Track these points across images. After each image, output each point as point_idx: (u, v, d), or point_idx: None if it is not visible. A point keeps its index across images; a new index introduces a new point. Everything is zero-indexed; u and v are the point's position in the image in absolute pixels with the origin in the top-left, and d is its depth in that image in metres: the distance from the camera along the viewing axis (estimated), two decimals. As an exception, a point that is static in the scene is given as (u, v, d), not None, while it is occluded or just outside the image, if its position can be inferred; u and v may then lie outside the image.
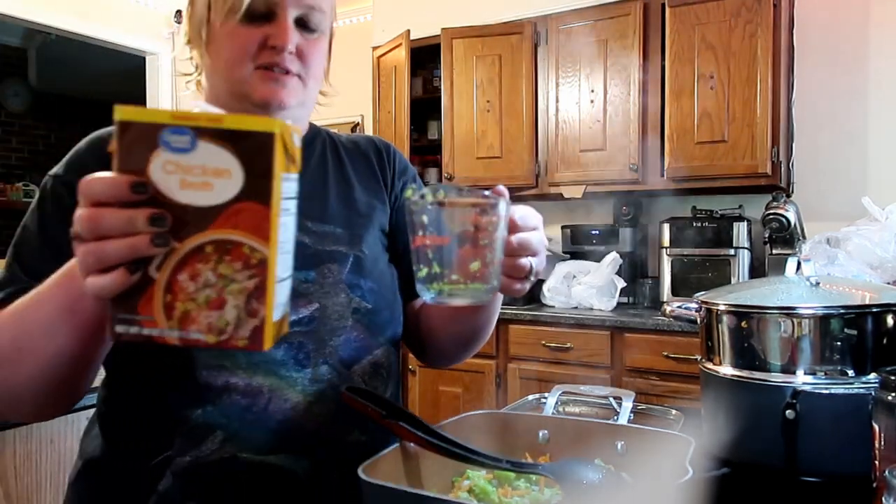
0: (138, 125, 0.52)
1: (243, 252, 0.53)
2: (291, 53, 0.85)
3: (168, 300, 0.53)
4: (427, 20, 3.46)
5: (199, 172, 0.52)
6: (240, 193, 0.53)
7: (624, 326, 2.73)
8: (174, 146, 0.52)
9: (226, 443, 0.78)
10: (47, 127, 5.98)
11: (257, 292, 0.54)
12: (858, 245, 1.82)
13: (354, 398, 0.71)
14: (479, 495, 0.70)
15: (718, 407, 0.87)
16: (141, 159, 0.52)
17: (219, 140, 0.52)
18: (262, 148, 0.53)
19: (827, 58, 2.95)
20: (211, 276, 0.53)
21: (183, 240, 0.53)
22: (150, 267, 0.53)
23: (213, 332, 0.54)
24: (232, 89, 0.87)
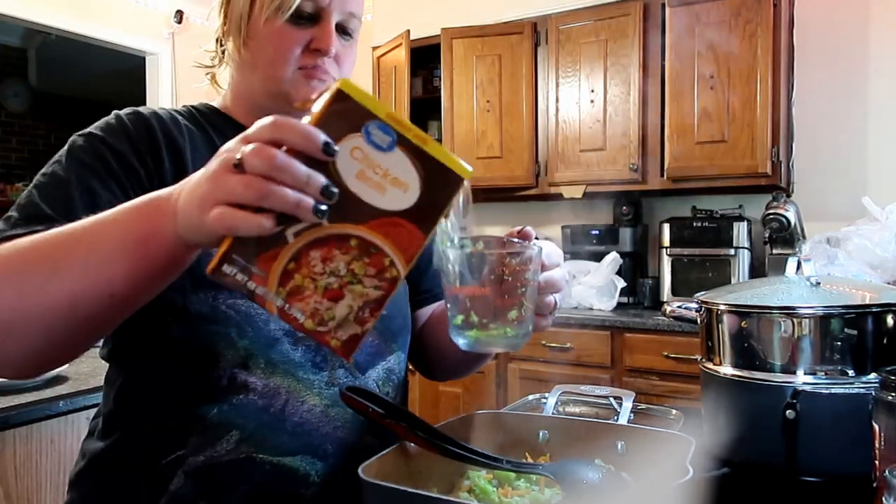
0: (353, 103, 0.52)
1: (383, 262, 0.53)
2: (331, 58, 0.86)
3: (290, 268, 0.52)
4: (427, 20, 3.46)
5: (380, 173, 0.53)
6: (406, 210, 0.53)
7: (624, 326, 2.73)
8: (373, 139, 0.52)
9: (241, 443, 0.78)
10: (47, 127, 5.98)
11: (374, 304, 0.54)
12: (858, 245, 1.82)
13: (354, 398, 0.71)
14: (479, 495, 0.70)
15: (718, 407, 0.87)
16: (337, 133, 0.52)
17: (414, 156, 0.53)
18: (448, 185, 0.54)
19: (827, 58, 2.95)
20: (342, 268, 0.53)
21: (333, 222, 0.53)
22: (291, 229, 0.52)
23: (314, 320, 0.53)
24: (270, 87, 0.87)
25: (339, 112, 0.52)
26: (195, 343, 0.77)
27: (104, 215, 0.62)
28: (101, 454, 0.83)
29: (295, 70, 0.85)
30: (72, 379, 1.56)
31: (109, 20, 3.79)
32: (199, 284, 0.77)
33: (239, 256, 0.52)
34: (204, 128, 0.89)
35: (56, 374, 1.55)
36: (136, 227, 0.60)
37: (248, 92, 0.91)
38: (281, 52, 0.85)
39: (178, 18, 4.00)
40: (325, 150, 0.51)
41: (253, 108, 0.90)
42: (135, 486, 0.79)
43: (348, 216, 0.53)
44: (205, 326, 0.77)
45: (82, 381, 1.54)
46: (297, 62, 0.85)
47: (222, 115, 0.93)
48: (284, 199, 0.50)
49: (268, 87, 0.87)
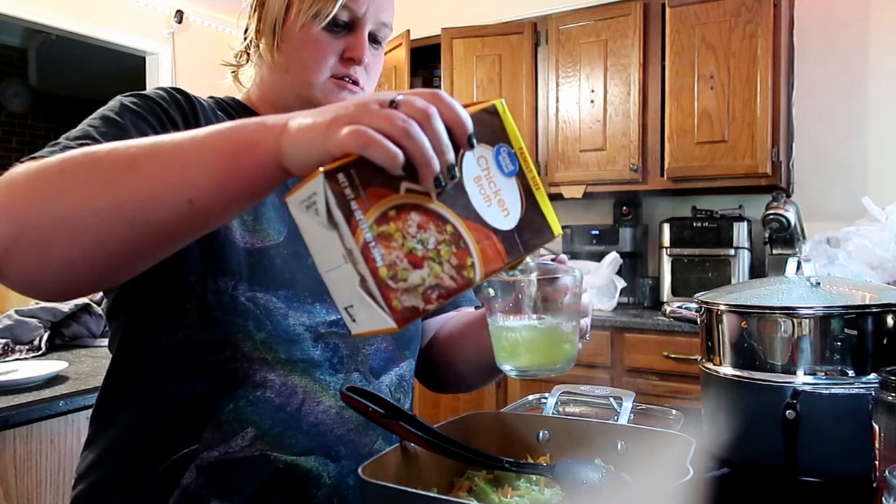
0: (499, 122, 0.56)
1: (466, 260, 0.55)
2: (363, 66, 0.87)
3: (390, 214, 0.52)
4: (427, 20, 3.46)
5: (493, 189, 0.56)
6: (501, 231, 0.56)
7: (624, 326, 2.73)
8: (499, 160, 0.56)
9: (256, 440, 0.77)
10: (47, 127, 5.98)
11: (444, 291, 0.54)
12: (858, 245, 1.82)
13: (354, 398, 0.71)
14: (479, 495, 0.70)
15: (718, 407, 0.87)
16: (476, 136, 0.55)
17: (525, 193, 0.57)
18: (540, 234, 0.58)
19: (827, 58, 2.95)
20: (431, 242, 0.54)
21: (441, 202, 0.54)
22: (406, 182, 0.53)
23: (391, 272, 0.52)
24: (300, 91, 0.87)
25: (484, 121, 0.55)
26: (211, 332, 0.77)
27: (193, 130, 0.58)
28: (111, 447, 0.82)
29: (328, 78, 0.86)
30: (72, 379, 1.56)
31: (109, 20, 3.79)
32: (220, 273, 0.77)
33: (356, 174, 0.51)
34: (231, 116, 0.89)
35: (56, 373, 1.55)
36: (231, 136, 0.56)
37: (277, 93, 0.91)
38: (315, 60, 0.85)
39: (178, 18, 4.00)
40: (468, 140, 0.53)
41: (279, 109, 0.90)
42: (146, 480, 0.78)
43: (455, 206, 0.54)
44: (223, 317, 0.77)
45: (82, 381, 1.54)
46: (330, 70, 0.86)
47: (248, 109, 0.93)
48: (423, 148, 0.50)
49: (298, 91, 0.87)
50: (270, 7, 0.88)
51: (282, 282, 0.81)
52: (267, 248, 0.81)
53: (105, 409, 0.85)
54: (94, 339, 2.02)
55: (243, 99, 0.95)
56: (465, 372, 1.00)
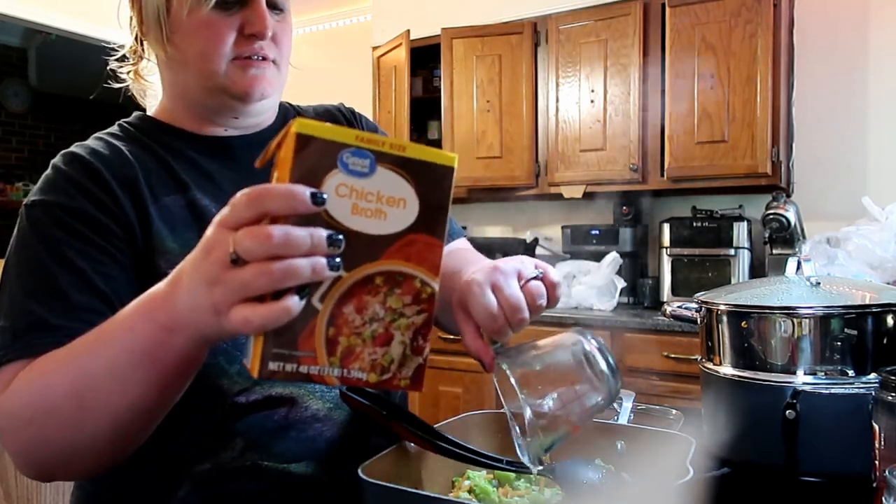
0: (319, 141, 0.48)
1: (415, 286, 0.51)
2: (267, 40, 0.80)
3: (331, 334, 0.49)
4: (427, 20, 3.46)
5: (373, 199, 0.50)
6: (413, 225, 0.51)
7: (624, 326, 2.73)
8: (352, 169, 0.49)
9: (246, 451, 0.77)
10: (47, 127, 5.98)
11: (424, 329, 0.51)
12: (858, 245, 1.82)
13: (354, 398, 0.71)
14: (479, 495, 0.70)
15: (718, 407, 0.87)
16: (315, 177, 0.48)
17: (398, 168, 0.50)
18: (441, 181, 0.52)
19: (827, 58, 2.95)
20: (379, 310, 0.50)
21: (351, 269, 0.50)
22: (314, 296, 0.49)
23: (376, 371, 0.51)
24: (205, 83, 0.81)
25: (308, 156, 0.48)
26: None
27: (97, 338, 0.61)
28: None
29: (230, 61, 0.79)
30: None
31: (109, 20, 3.79)
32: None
33: (280, 349, 0.49)
34: (148, 146, 0.84)
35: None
36: (135, 347, 0.57)
37: (184, 91, 0.85)
38: (212, 44, 0.78)
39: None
40: (315, 201, 0.48)
41: (193, 107, 0.86)
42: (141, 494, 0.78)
43: (362, 256, 0.50)
44: None
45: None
46: (231, 52, 0.79)
47: (162, 125, 0.87)
48: (299, 271, 0.47)
49: (203, 83, 0.81)
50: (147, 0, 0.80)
51: None
52: None
53: None
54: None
55: (156, 113, 0.89)
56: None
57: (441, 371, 3.07)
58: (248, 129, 0.90)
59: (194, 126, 0.87)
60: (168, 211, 0.80)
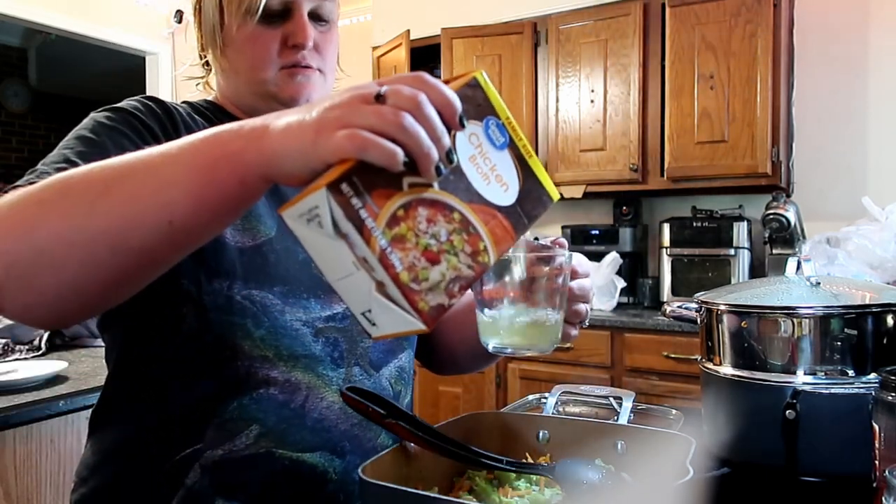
0: (483, 95, 0.54)
1: (478, 245, 0.54)
2: (310, 49, 0.85)
3: (398, 214, 0.50)
4: (427, 20, 3.46)
5: (488, 165, 0.55)
6: (504, 207, 0.55)
7: (624, 326, 2.73)
8: (490, 134, 0.55)
9: (261, 438, 0.77)
10: (47, 127, 5.98)
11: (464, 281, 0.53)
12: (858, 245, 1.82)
13: (354, 398, 0.71)
14: (479, 495, 0.70)
15: (718, 407, 0.87)
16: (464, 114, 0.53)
17: (519, 163, 0.56)
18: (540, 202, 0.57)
19: (827, 58, 2.95)
20: (443, 234, 0.52)
21: (444, 191, 0.52)
22: (406, 179, 0.51)
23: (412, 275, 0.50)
24: (256, 90, 0.87)
25: (468, 97, 0.54)
26: (210, 334, 0.77)
27: (167, 144, 0.56)
28: (114, 448, 0.81)
29: (277, 70, 0.85)
30: (72, 379, 1.56)
31: (109, 20, 3.79)
32: (214, 274, 0.77)
33: (359, 181, 0.49)
34: (210, 120, 0.89)
35: (56, 373, 1.55)
36: (205, 149, 0.54)
37: (237, 96, 0.91)
38: (259, 56, 0.85)
39: (178, 18, 4.00)
40: (460, 120, 0.51)
41: (244, 107, 0.91)
42: (149, 481, 0.78)
43: (457, 191, 0.53)
44: (220, 317, 0.77)
45: (82, 381, 1.54)
46: (277, 62, 0.85)
47: (222, 109, 0.92)
48: (420, 139, 0.48)
49: (253, 89, 0.87)
50: (206, 14, 0.88)
51: (276, 278, 0.80)
52: (259, 246, 0.80)
53: (106, 412, 0.85)
54: (94, 339, 2.02)
55: (216, 100, 0.94)
56: (463, 352, 1.00)
57: (441, 371, 3.08)
58: None
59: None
60: None
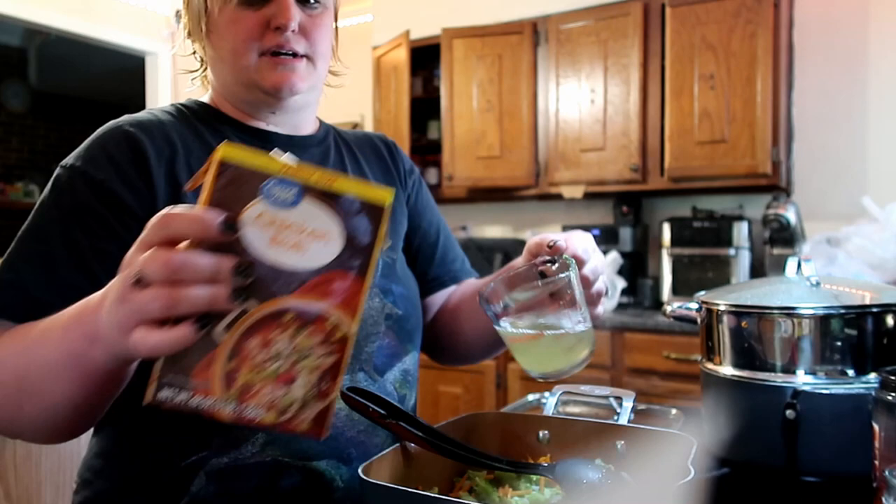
0: (242, 169, 0.47)
1: (326, 326, 0.49)
2: (295, 33, 0.82)
3: (231, 368, 0.47)
4: (427, 20, 3.46)
5: (294, 231, 0.48)
6: (334, 261, 0.48)
7: (624, 326, 2.73)
8: (275, 199, 0.47)
9: (267, 446, 0.76)
10: (47, 127, 5.98)
11: (332, 372, 0.49)
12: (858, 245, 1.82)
13: (354, 398, 0.71)
14: (479, 495, 0.70)
15: (719, 407, 0.87)
16: (236, 205, 0.47)
17: (326, 200, 0.48)
18: (371, 218, 0.49)
19: (827, 58, 2.95)
20: (285, 347, 0.48)
21: (261, 302, 0.48)
22: (218, 326, 0.47)
23: (275, 411, 0.48)
24: (240, 78, 0.85)
25: (230, 183, 0.47)
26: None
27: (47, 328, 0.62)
28: (118, 452, 0.81)
29: (258, 56, 0.82)
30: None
31: (109, 20, 3.79)
32: None
33: (173, 377, 0.47)
34: (195, 127, 0.87)
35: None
36: (67, 346, 0.58)
37: (225, 86, 0.89)
38: (240, 39, 0.82)
39: (178, 18, 4.00)
40: (225, 229, 0.46)
41: (235, 102, 0.89)
42: (155, 487, 0.77)
43: (276, 289, 0.48)
44: None
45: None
46: (258, 46, 0.82)
47: (213, 109, 0.91)
48: (195, 300, 0.46)
49: (238, 77, 0.85)
50: (193, 1, 0.86)
51: None
52: None
53: (110, 416, 0.84)
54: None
55: (209, 99, 0.92)
56: (472, 340, 1.00)
57: (441, 371, 3.07)
58: (290, 130, 0.92)
59: (238, 117, 0.90)
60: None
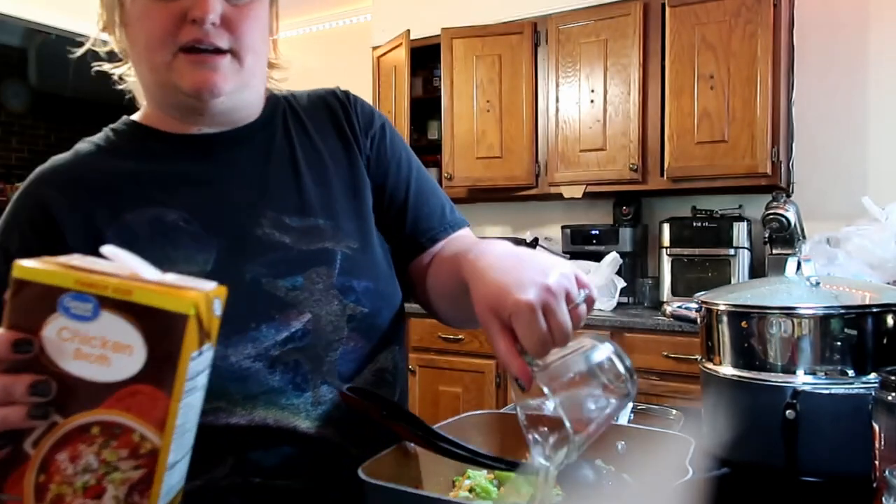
0: (36, 285, 0.47)
1: (132, 439, 0.48)
2: (216, 26, 0.73)
3: (41, 480, 0.48)
4: (427, 20, 3.46)
5: (97, 344, 0.47)
6: (139, 374, 0.47)
7: (624, 326, 2.73)
8: (74, 312, 0.47)
9: (236, 469, 0.76)
10: (47, 127, 5.98)
11: (141, 485, 0.49)
12: (858, 245, 1.82)
13: (353, 397, 0.71)
14: (479, 495, 0.70)
15: (718, 407, 0.87)
16: (35, 320, 0.47)
17: (125, 313, 0.47)
18: (172, 330, 0.47)
19: (827, 57, 2.95)
20: (93, 461, 0.48)
21: (68, 415, 0.48)
22: (27, 441, 0.48)
23: None
24: (157, 78, 0.76)
25: (26, 300, 0.47)
26: None
27: None
28: None
29: (175, 52, 0.73)
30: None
31: (109, 20, 3.79)
32: None
33: None
34: (122, 154, 0.82)
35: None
36: None
37: (146, 88, 0.81)
38: (154, 34, 0.73)
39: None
40: (18, 350, 0.46)
41: (160, 106, 0.82)
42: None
43: (80, 403, 0.48)
44: None
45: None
46: (175, 41, 0.73)
47: (142, 128, 0.84)
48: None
49: (155, 77, 0.77)
50: None
51: None
52: None
53: None
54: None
55: (140, 116, 0.86)
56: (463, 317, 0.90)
57: (441, 371, 3.08)
58: (229, 126, 0.84)
59: (170, 126, 0.83)
60: (128, 230, 0.77)
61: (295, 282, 0.79)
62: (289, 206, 0.82)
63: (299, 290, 0.79)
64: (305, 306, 0.79)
